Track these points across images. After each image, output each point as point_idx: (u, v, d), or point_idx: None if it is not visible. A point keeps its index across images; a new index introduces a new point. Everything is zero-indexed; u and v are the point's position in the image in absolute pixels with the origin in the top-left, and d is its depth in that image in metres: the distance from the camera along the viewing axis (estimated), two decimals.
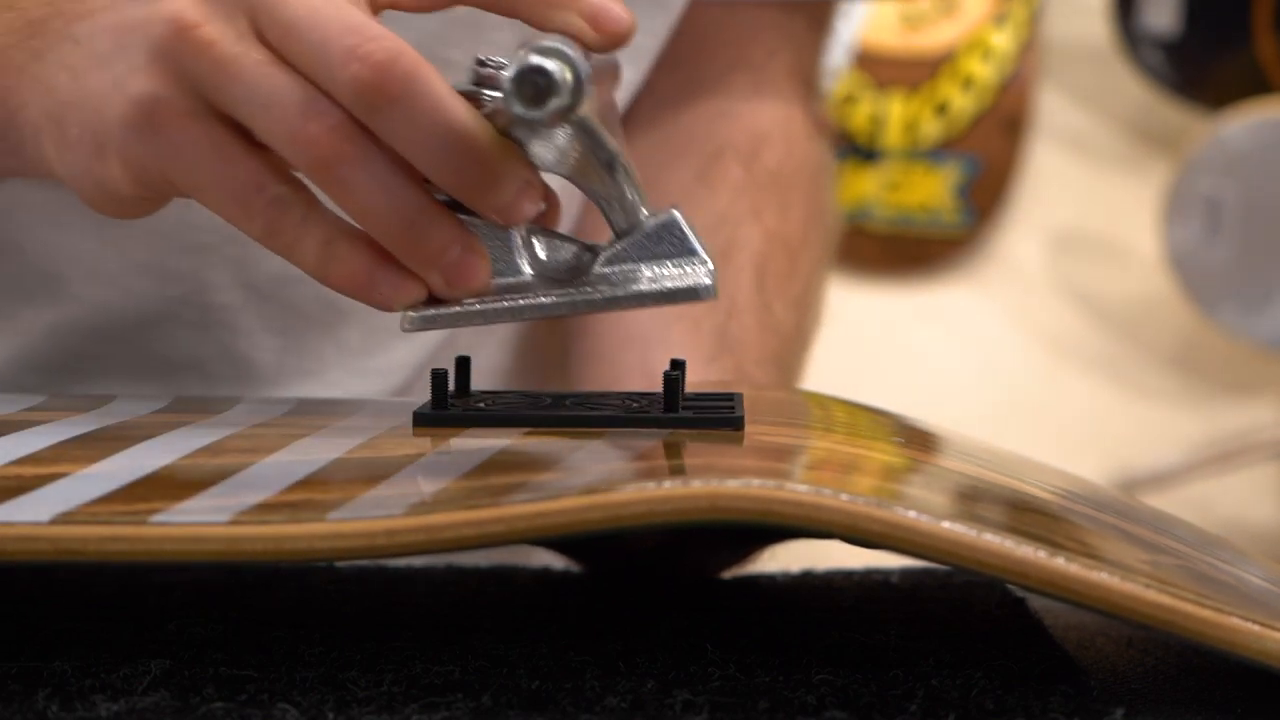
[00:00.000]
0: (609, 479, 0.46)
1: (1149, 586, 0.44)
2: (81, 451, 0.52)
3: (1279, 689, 0.47)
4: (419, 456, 0.51)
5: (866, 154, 2.03)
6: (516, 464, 0.51)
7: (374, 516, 0.45)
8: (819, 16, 0.86)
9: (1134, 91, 2.00)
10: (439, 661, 0.48)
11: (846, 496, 0.44)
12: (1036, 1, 2.04)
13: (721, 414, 0.55)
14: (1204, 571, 0.51)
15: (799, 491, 0.44)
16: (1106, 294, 2.04)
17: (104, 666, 0.47)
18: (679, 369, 0.56)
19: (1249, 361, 1.97)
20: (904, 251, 2.05)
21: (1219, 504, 1.95)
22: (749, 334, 0.77)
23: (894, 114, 2.04)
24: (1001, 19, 2.03)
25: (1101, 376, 2.01)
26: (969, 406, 1.97)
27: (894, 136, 2.03)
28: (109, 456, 0.51)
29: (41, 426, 0.56)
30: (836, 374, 0.89)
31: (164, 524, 0.45)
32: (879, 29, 2.03)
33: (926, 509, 0.44)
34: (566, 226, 0.79)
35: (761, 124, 0.84)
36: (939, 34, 2.04)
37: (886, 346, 2.03)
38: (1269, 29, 1.89)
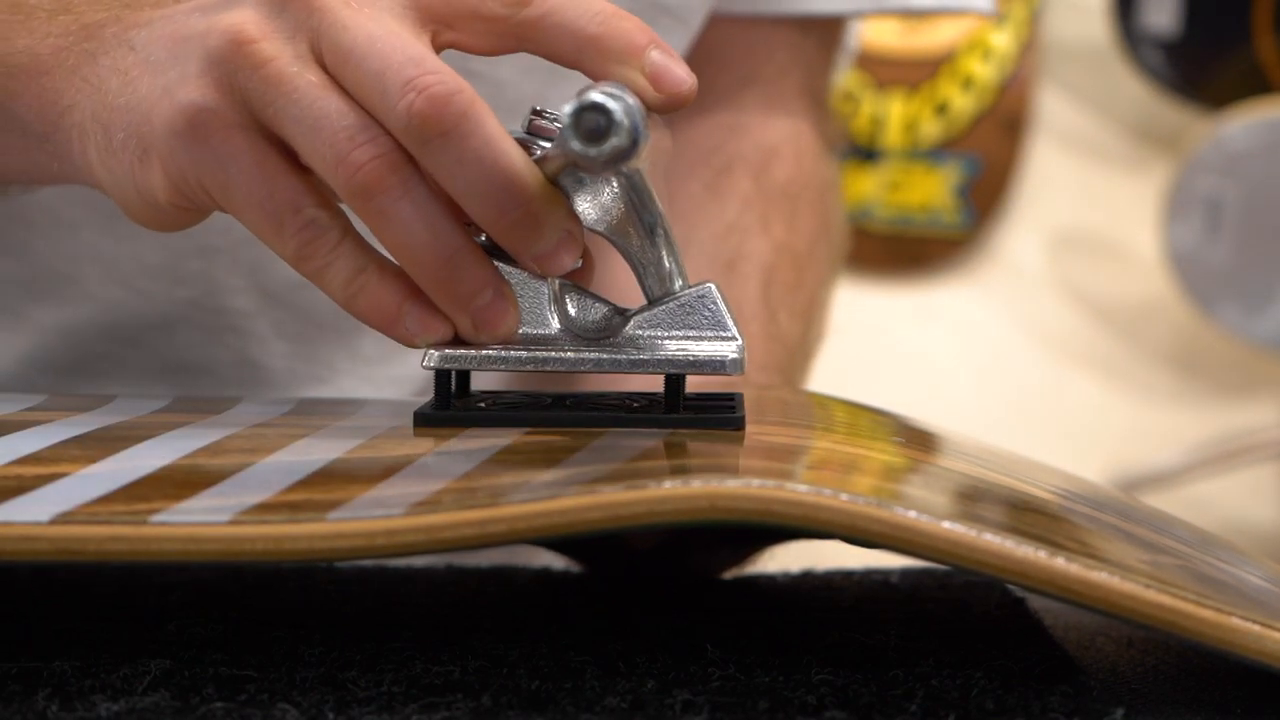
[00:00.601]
0: (609, 479, 0.46)
1: (1149, 586, 0.44)
2: (81, 451, 0.52)
3: (1279, 689, 0.47)
4: (419, 456, 0.51)
5: (866, 154, 2.03)
6: (516, 464, 0.51)
7: (374, 516, 0.45)
8: (830, 36, 0.87)
9: (1134, 91, 2.00)
10: (439, 661, 0.48)
11: (846, 496, 0.44)
12: (1036, 1, 2.04)
13: (722, 414, 0.55)
14: (1204, 571, 0.51)
15: (799, 491, 0.44)
16: (1106, 294, 2.04)
17: (104, 666, 0.47)
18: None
19: (1249, 361, 1.97)
20: (904, 251, 2.05)
21: (1219, 504, 1.95)
22: (754, 342, 0.77)
23: (894, 114, 2.04)
24: (1001, 19, 2.03)
25: (1101, 376, 2.01)
26: (969, 406, 1.97)
27: (894, 136, 2.03)
28: (109, 456, 0.51)
29: (41, 426, 0.56)
30: (836, 374, 0.89)
31: (164, 524, 0.45)
32: (879, 29, 2.03)
33: (926, 509, 0.44)
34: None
35: (772, 139, 0.85)
36: (939, 34, 2.05)
37: (886, 346, 2.03)
38: (1269, 29, 1.89)
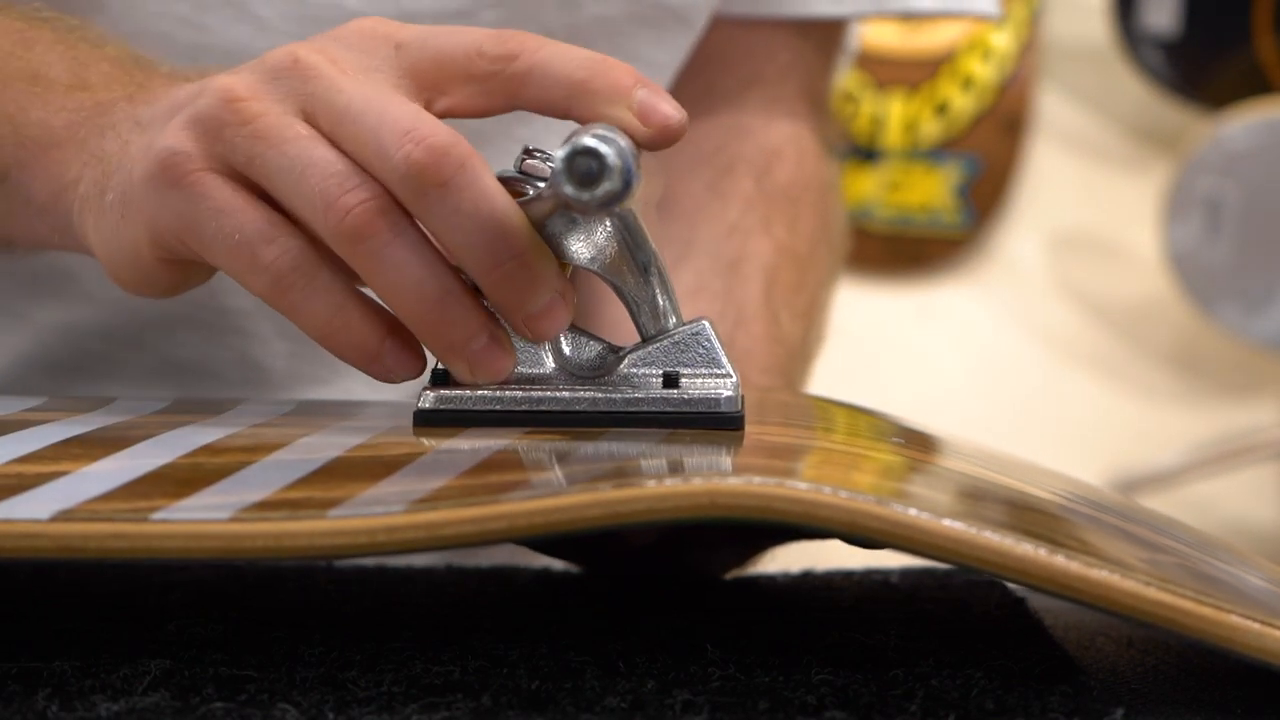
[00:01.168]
0: (609, 477, 0.46)
1: (1149, 584, 0.44)
2: (82, 451, 0.52)
3: (1279, 689, 0.47)
4: (419, 455, 0.51)
5: (866, 154, 2.03)
6: (517, 462, 0.51)
7: (374, 514, 0.45)
8: (831, 39, 0.87)
9: (1134, 91, 2.00)
10: (439, 661, 0.48)
11: (846, 494, 0.44)
12: (1036, 1, 2.04)
13: (722, 414, 0.55)
14: (1203, 570, 0.51)
15: (799, 489, 0.44)
16: (1106, 294, 2.04)
17: (104, 666, 0.47)
18: None
19: (1249, 361, 1.97)
20: (904, 251, 2.05)
21: (1219, 504, 1.95)
22: (756, 343, 0.77)
23: (894, 114, 2.04)
24: (1001, 19, 2.03)
25: (1101, 376, 2.01)
26: (969, 406, 1.97)
27: (894, 136, 2.04)
28: (110, 455, 0.51)
29: (42, 426, 0.56)
30: (836, 373, 0.89)
31: (164, 521, 0.45)
32: (879, 29, 2.03)
33: (926, 507, 0.44)
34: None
35: (774, 140, 0.85)
36: (939, 34, 2.05)
37: (886, 346, 2.03)
38: (1269, 29, 1.89)
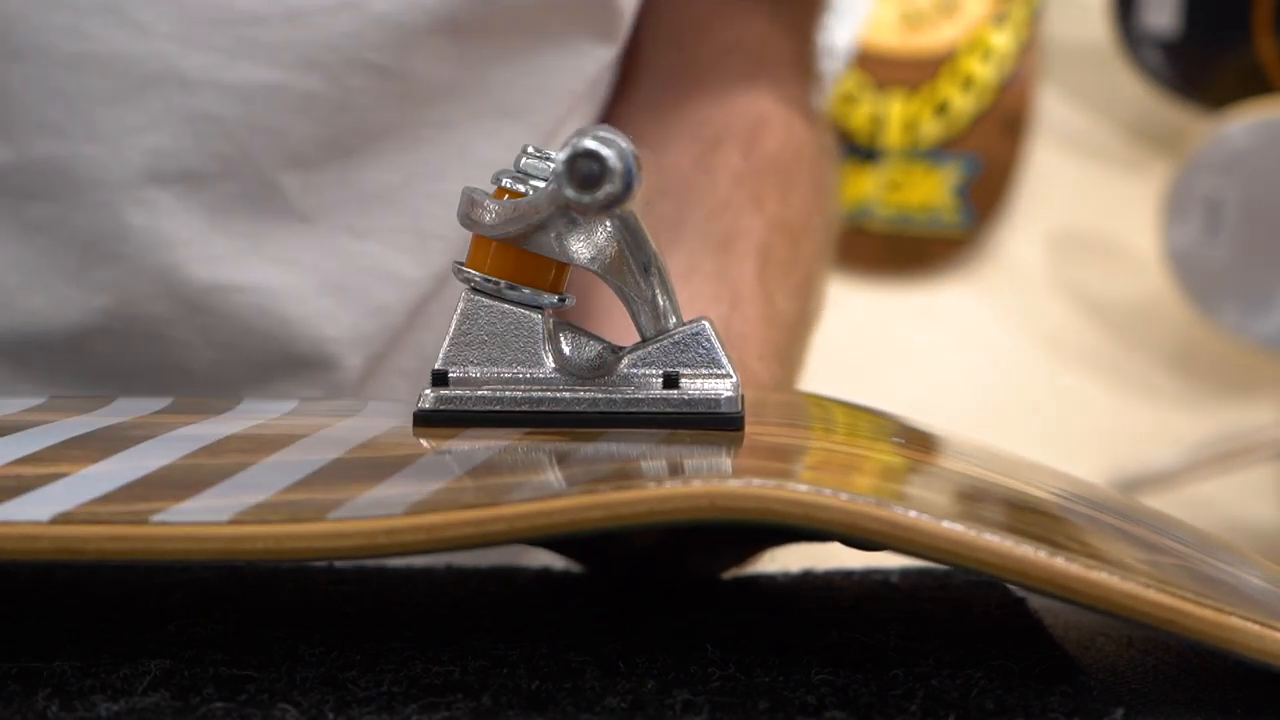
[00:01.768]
0: (609, 478, 0.46)
1: (1149, 586, 0.44)
2: (81, 451, 0.52)
3: (1279, 689, 0.47)
4: (419, 456, 0.51)
5: (866, 154, 2.03)
6: (516, 464, 0.51)
7: (374, 516, 0.45)
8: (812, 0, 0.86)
9: (1134, 91, 2.00)
10: (439, 661, 0.48)
11: (846, 496, 0.44)
12: (1036, 1, 2.04)
13: (722, 414, 0.55)
14: (1204, 571, 0.51)
15: (799, 491, 0.44)
16: (1106, 294, 2.04)
17: (104, 666, 0.47)
18: None
19: (1249, 361, 1.97)
20: (904, 251, 2.05)
21: (1219, 504, 1.95)
22: (752, 326, 0.76)
23: (894, 114, 2.04)
24: (1001, 19, 2.03)
25: (1101, 376, 2.01)
26: (969, 406, 1.97)
27: (894, 136, 2.03)
28: (109, 456, 0.51)
29: (41, 427, 0.56)
30: (836, 374, 0.89)
31: (164, 523, 0.45)
32: (879, 29, 2.03)
33: (926, 508, 0.44)
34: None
35: (760, 108, 0.84)
36: (939, 34, 2.04)
37: (886, 346, 2.03)
38: (1269, 29, 1.89)
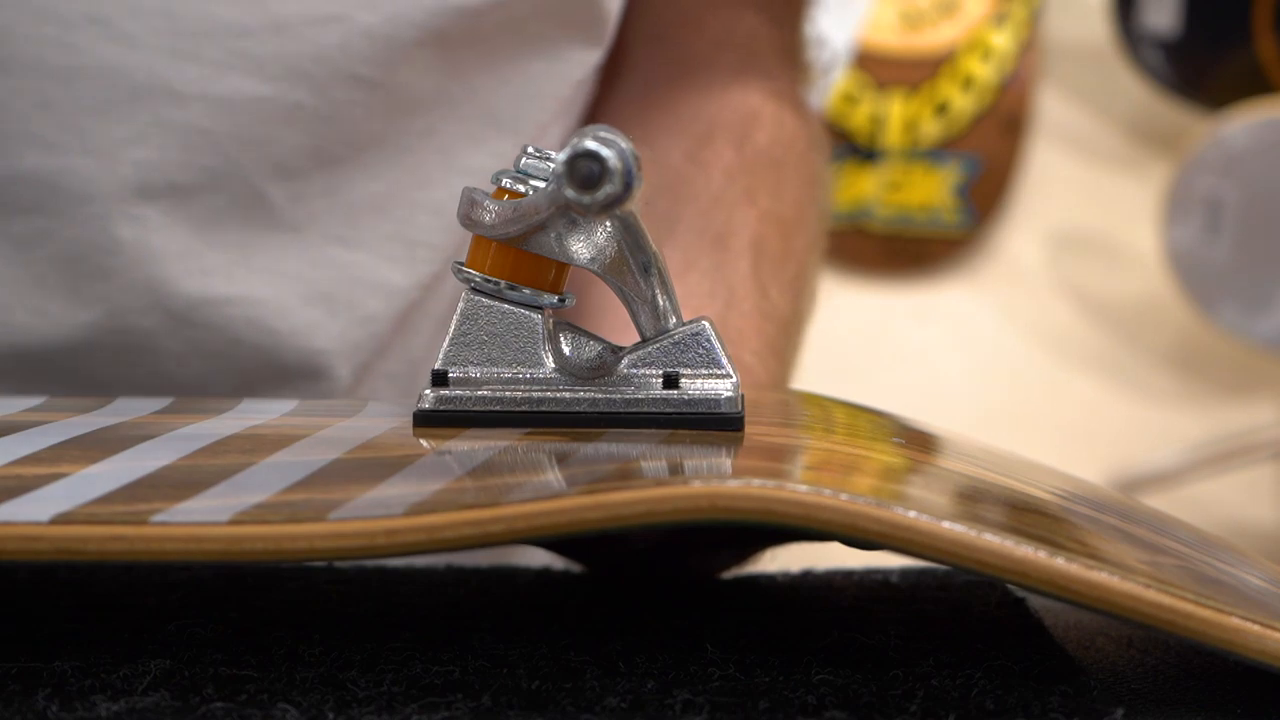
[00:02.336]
0: (609, 479, 0.46)
1: (1149, 586, 0.44)
2: (81, 452, 0.52)
3: (1279, 689, 0.47)
4: (419, 456, 0.51)
5: (866, 154, 2.03)
6: (516, 464, 0.51)
7: (374, 516, 0.45)
8: None
9: (1134, 91, 2.00)
10: (439, 661, 0.48)
11: (846, 496, 0.44)
12: (1036, 1, 2.04)
13: (722, 415, 0.55)
14: (1204, 572, 0.51)
15: (799, 491, 0.44)
16: (1106, 294, 2.04)
17: (104, 666, 0.47)
18: None
19: (1249, 361, 1.97)
20: (904, 251, 2.05)
21: (1219, 504, 1.95)
22: (747, 322, 0.76)
23: (894, 114, 2.04)
24: (1001, 19, 2.03)
25: (1101, 376, 2.01)
26: (968, 406, 1.97)
27: (894, 136, 2.03)
28: (109, 457, 0.51)
29: (42, 427, 0.56)
30: (836, 374, 0.89)
31: (164, 524, 0.45)
32: (879, 29, 2.03)
33: (926, 509, 0.44)
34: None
35: (750, 102, 0.84)
36: (939, 34, 2.05)
37: (886, 346, 2.03)
38: (1269, 29, 1.89)
